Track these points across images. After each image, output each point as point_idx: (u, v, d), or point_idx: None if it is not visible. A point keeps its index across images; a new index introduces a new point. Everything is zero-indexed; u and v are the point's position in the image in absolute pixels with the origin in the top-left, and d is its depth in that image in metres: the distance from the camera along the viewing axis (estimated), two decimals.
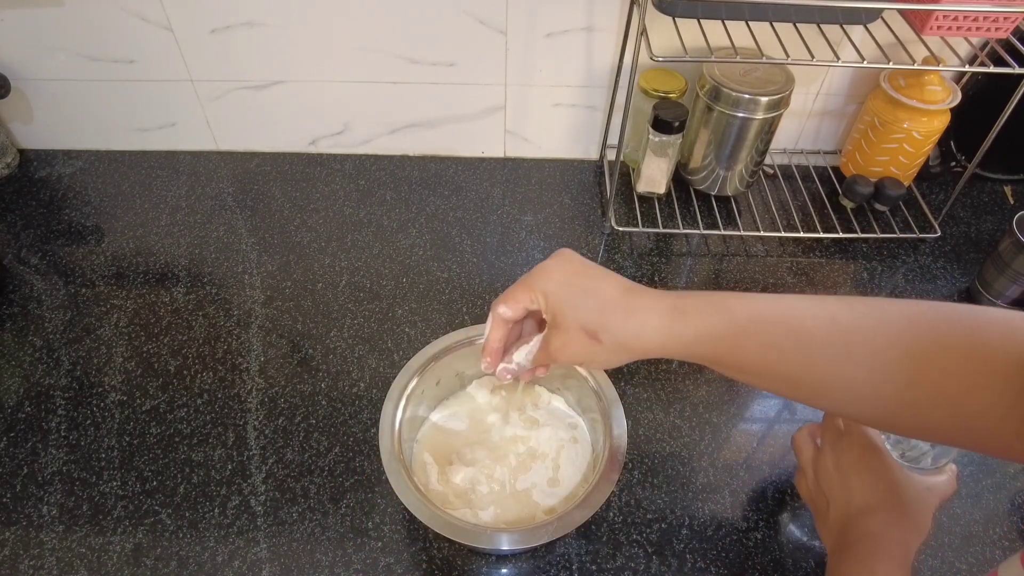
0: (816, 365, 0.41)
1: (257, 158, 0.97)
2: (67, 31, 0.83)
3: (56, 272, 0.81)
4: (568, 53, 0.86)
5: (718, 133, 0.84)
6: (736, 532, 0.60)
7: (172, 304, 0.77)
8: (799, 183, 0.95)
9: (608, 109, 0.92)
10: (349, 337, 0.74)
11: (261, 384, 0.70)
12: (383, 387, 0.63)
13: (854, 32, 0.75)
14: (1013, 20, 0.70)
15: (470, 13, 0.82)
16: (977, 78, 0.87)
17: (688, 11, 0.71)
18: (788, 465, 0.65)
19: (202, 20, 0.83)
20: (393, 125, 0.95)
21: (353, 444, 0.65)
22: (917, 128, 0.83)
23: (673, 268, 0.84)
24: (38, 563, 0.57)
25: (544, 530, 0.51)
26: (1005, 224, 0.81)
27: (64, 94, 0.90)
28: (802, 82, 0.87)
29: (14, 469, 0.63)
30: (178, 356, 0.72)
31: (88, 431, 0.66)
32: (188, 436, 0.66)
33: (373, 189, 0.93)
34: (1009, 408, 0.36)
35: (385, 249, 0.84)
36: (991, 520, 0.62)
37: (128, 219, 0.87)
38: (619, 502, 0.62)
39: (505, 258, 0.84)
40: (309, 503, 0.61)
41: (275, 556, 0.58)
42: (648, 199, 0.92)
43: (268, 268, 0.82)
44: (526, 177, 0.96)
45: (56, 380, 0.70)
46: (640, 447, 0.66)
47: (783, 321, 0.42)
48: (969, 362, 0.38)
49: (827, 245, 0.87)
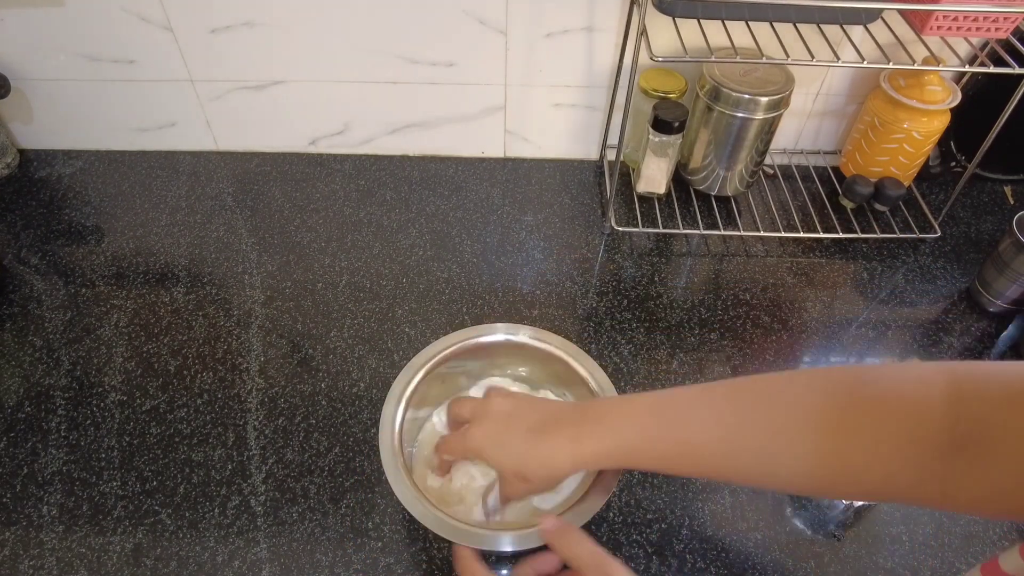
0: (714, 472, 0.47)
1: (257, 158, 0.97)
2: (67, 31, 0.83)
3: (56, 272, 0.81)
4: (568, 53, 0.86)
5: (718, 133, 0.84)
6: (736, 532, 0.60)
7: (172, 304, 0.77)
8: (799, 183, 0.95)
9: (608, 109, 0.92)
10: (349, 337, 0.74)
11: (261, 384, 0.70)
12: (383, 387, 0.63)
13: (854, 32, 0.75)
14: (1013, 20, 0.70)
15: (470, 13, 0.82)
16: (977, 78, 0.87)
17: (688, 11, 0.71)
18: None
19: (202, 20, 0.83)
20: (393, 125, 0.95)
21: (353, 444, 0.65)
22: (917, 128, 0.83)
23: (673, 268, 0.84)
24: (38, 563, 0.57)
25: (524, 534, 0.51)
26: (1005, 224, 0.81)
27: (64, 94, 0.90)
28: (802, 82, 0.87)
29: (14, 469, 0.63)
30: (178, 356, 0.72)
31: (88, 431, 0.66)
32: (188, 436, 0.66)
33: (373, 189, 0.93)
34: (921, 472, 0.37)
35: (385, 249, 0.84)
36: (991, 520, 0.62)
37: (128, 219, 0.87)
38: (619, 502, 0.62)
39: (505, 258, 0.84)
40: (309, 503, 0.61)
41: (275, 556, 0.58)
42: (648, 199, 0.92)
43: (268, 268, 0.82)
44: (526, 177, 0.96)
45: (56, 380, 0.70)
46: None
47: (675, 440, 0.46)
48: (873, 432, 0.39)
49: (827, 245, 0.87)
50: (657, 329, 0.76)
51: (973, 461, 0.35)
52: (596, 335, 0.75)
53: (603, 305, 0.79)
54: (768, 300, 0.80)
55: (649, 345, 0.75)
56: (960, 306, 0.81)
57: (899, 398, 0.38)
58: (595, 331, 0.76)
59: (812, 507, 0.62)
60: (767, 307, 0.79)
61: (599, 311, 0.78)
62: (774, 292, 0.81)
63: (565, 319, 0.77)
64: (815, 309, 0.80)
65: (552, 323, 0.76)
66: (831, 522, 0.61)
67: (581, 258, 0.84)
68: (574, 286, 0.81)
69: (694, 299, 0.80)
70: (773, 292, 0.81)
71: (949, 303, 0.81)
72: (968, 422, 0.35)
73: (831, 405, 0.41)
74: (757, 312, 0.79)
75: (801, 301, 0.80)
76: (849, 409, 0.40)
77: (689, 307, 0.79)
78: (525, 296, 0.79)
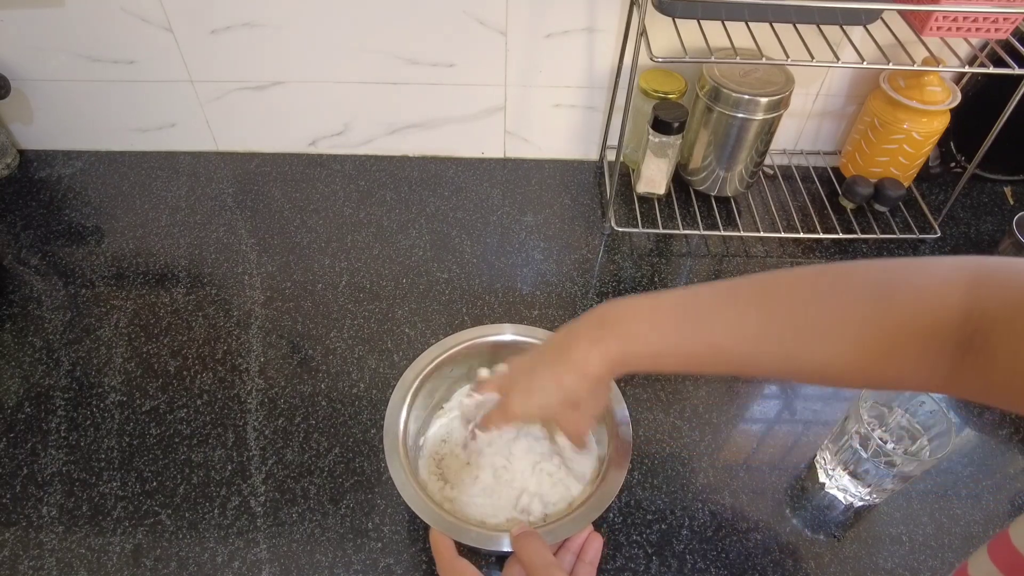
0: (740, 370, 0.48)
1: (257, 158, 0.97)
2: (67, 31, 0.83)
3: (56, 273, 0.81)
4: (568, 54, 0.86)
5: (718, 134, 0.84)
6: (736, 532, 0.60)
7: (172, 305, 0.77)
8: (799, 184, 0.95)
9: (608, 110, 0.92)
10: (349, 338, 0.74)
11: (261, 385, 0.70)
12: (383, 388, 0.63)
13: (854, 33, 0.75)
14: (1013, 21, 0.70)
15: (470, 13, 0.82)
16: (977, 79, 0.87)
17: (688, 12, 0.71)
18: (788, 465, 0.65)
19: (202, 20, 0.83)
20: (393, 125, 0.95)
21: (353, 445, 0.65)
22: (917, 129, 0.83)
23: (673, 269, 0.84)
24: (38, 563, 0.57)
25: (547, 530, 0.51)
26: (1005, 225, 0.81)
27: (64, 94, 0.90)
28: (802, 83, 0.87)
29: (14, 469, 0.63)
30: (178, 357, 0.72)
31: (88, 432, 0.66)
32: (188, 437, 0.66)
33: (373, 190, 0.93)
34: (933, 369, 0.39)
35: (385, 250, 0.84)
36: (991, 520, 0.62)
37: (128, 219, 0.87)
38: (619, 502, 0.62)
39: (505, 259, 0.84)
40: (309, 504, 0.61)
41: (275, 557, 0.58)
42: (648, 200, 0.92)
43: (268, 269, 0.82)
44: (526, 178, 0.96)
45: (56, 381, 0.70)
46: (640, 448, 0.66)
47: (701, 342, 0.46)
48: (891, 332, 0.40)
49: (827, 246, 0.87)
50: None
51: (976, 357, 0.37)
52: None
53: None
54: None
55: None
56: None
57: (922, 298, 0.39)
58: None
59: (812, 507, 0.62)
60: None
61: None
62: None
63: (565, 319, 0.77)
64: None
65: (552, 323, 0.76)
66: (831, 522, 0.61)
67: (581, 258, 0.84)
68: (574, 286, 0.81)
69: None
70: None
71: None
72: (977, 320, 0.37)
73: (855, 305, 0.41)
74: None
75: None
76: (873, 308, 0.40)
77: None
78: (525, 296, 0.79)
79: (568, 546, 0.52)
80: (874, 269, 0.42)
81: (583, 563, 0.51)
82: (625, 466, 0.55)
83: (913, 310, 0.39)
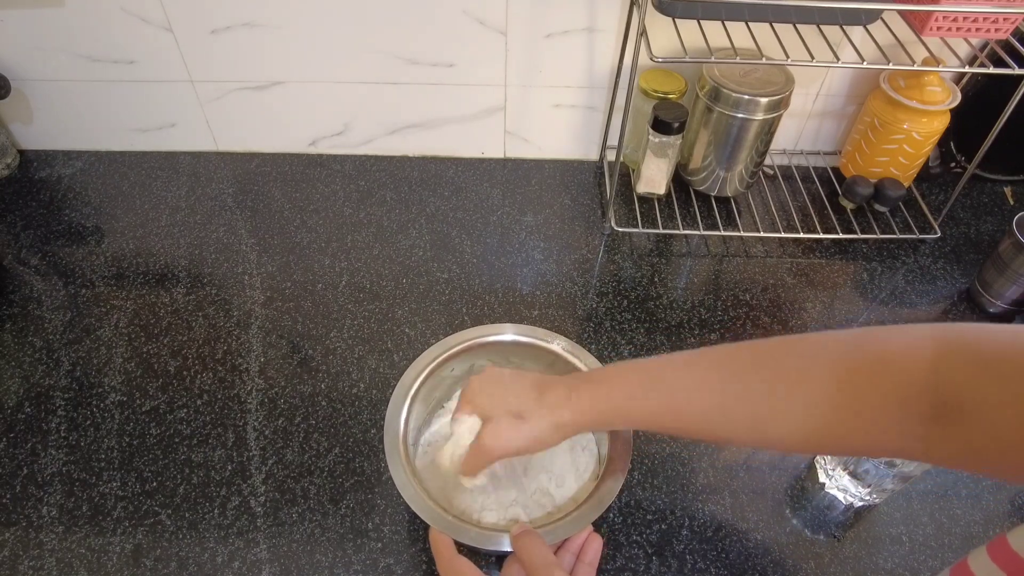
0: (705, 435, 0.48)
1: (257, 159, 0.97)
2: (67, 31, 0.83)
3: (56, 273, 0.81)
4: (568, 54, 0.86)
5: (718, 134, 0.84)
6: (736, 532, 0.60)
7: (172, 305, 0.77)
8: (799, 184, 0.95)
9: (608, 110, 0.92)
10: (349, 338, 0.74)
11: (261, 385, 0.70)
12: (383, 388, 0.63)
13: (854, 33, 0.75)
14: (1013, 21, 0.70)
15: (470, 13, 0.82)
16: (977, 79, 0.87)
17: (688, 12, 0.71)
18: (788, 465, 0.65)
19: (202, 20, 0.83)
20: (393, 125, 0.95)
21: (353, 445, 0.65)
22: (917, 129, 0.83)
23: (673, 269, 0.84)
24: (38, 564, 0.57)
25: (547, 530, 0.51)
26: (1005, 225, 0.81)
27: (64, 94, 0.90)
28: (802, 83, 0.87)
29: (14, 470, 0.63)
30: (178, 357, 0.72)
31: (88, 432, 0.66)
32: (188, 437, 0.66)
33: (373, 190, 0.93)
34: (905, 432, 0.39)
35: (385, 250, 0.84)
36: (991, 520, 0.62)
37: (128, 220, 0.87)
38: (619, 503, 0.62)
39: (505, 259, 0.84)
40: (309, 504, 0.61)
41: (275, 557, 0.58)
42: (648, 200, 0.92)
43: (268, 269, 0.82)
44: (526, 178, 0.96)
45: (56, 381, 0.70)
46: (640, 448, 0.66)
47: (665, 406, 0.47)
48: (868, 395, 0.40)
49: (827, 246, 0.87)
50: (657, 330, 0.76)
51: (949, 427, 0.37)
52: (596, 336, 0.75)
53: (603, 306, 0.79)
54: (768, 301, 0.80)
55: (649, 346, 0.75)
56: (960, 307, 0.81)
57: (889, 363, 0.39)
58: (595, 332, 0.76)
59: (812, 507, 0.62)
60: (767, 308, 0.79)
61: (599, 312, 0.78)
62: (774, 293, 0.81)
63: (565, 319, 0.77)
64: (815, 310, 0.80)
65: (552, 323, 0.76)
66: (831, 522, 0.61)
67: (581, 259, 0.84)
68: (574, 287, 0.81)
69: (694, 300, 0.80)
70: (773, 293, 0.81)
71: (949, 304, 0.81)
72: (947, 389, 0.37)
73: (821, 371, 0.42)
74: (757, 313, 0.79)
75: (801, 302, 0.80)
76: (840, 374, 0.41)
77: (689, 308, 0.79)
78: (525, 297, 0.79)
79: (568, 546, 0.52)
80: (841, 337, 0.43)
81: (583, 564, 0.51)
82: (625, 466, 0.55)
83: (880, 379, 0.39)
